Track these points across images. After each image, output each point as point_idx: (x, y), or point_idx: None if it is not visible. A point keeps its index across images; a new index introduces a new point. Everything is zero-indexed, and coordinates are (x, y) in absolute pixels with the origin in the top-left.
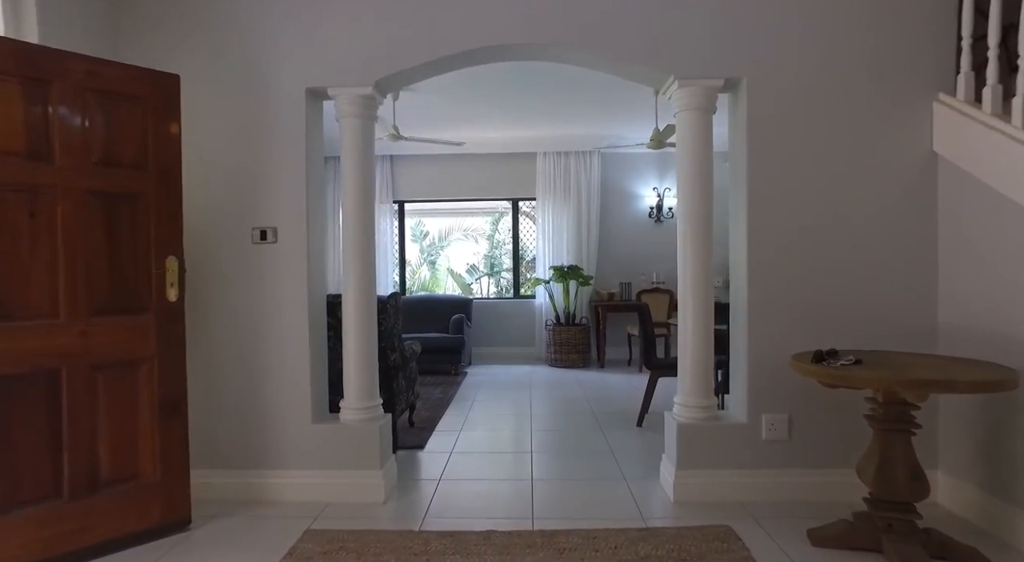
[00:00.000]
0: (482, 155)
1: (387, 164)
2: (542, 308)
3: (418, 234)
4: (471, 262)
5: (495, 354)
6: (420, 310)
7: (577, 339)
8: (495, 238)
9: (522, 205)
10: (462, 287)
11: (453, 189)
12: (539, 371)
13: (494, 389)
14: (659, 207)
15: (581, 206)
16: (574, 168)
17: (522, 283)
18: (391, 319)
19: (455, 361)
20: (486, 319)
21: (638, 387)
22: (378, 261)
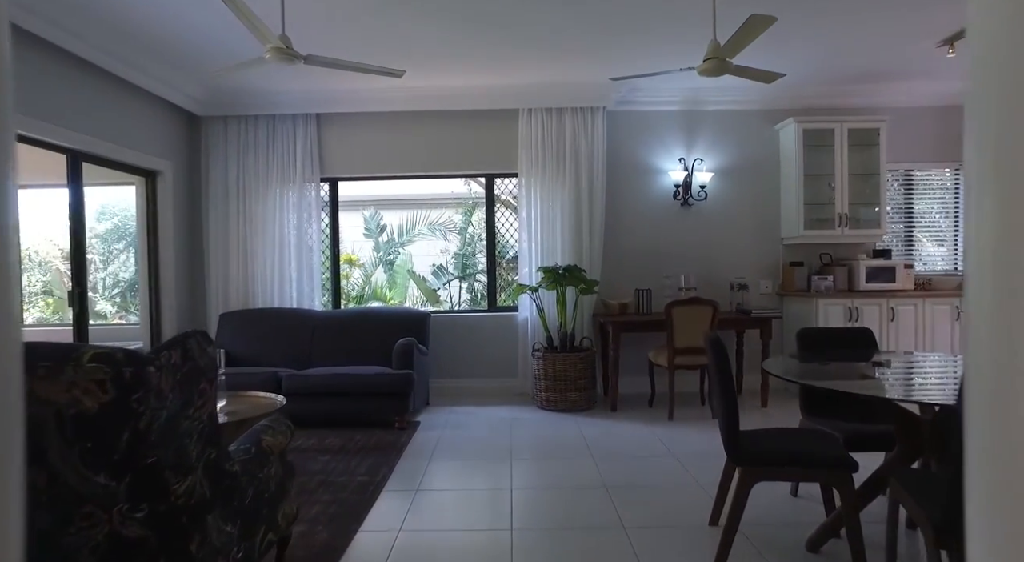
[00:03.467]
0: (441, 113)
1: (311, 127)
2: (528, 325)
3: (373, 228)
4: (438, 262)
5: (463, 390)
6: (352, 332)
7: (577, 370)
8: (468, 232)
9: (500, 185)
10: (426, 293)
11: (402, 161)
12: (524, 418)
13: (454, 458)
14: (687, 185)
15: (580, 184)
16: (571, 132)
17: (501, 289)
18: (176, 394)
19: (399, 408)
20: (450, 340)
21: (677, 452)
22: (299, 263)
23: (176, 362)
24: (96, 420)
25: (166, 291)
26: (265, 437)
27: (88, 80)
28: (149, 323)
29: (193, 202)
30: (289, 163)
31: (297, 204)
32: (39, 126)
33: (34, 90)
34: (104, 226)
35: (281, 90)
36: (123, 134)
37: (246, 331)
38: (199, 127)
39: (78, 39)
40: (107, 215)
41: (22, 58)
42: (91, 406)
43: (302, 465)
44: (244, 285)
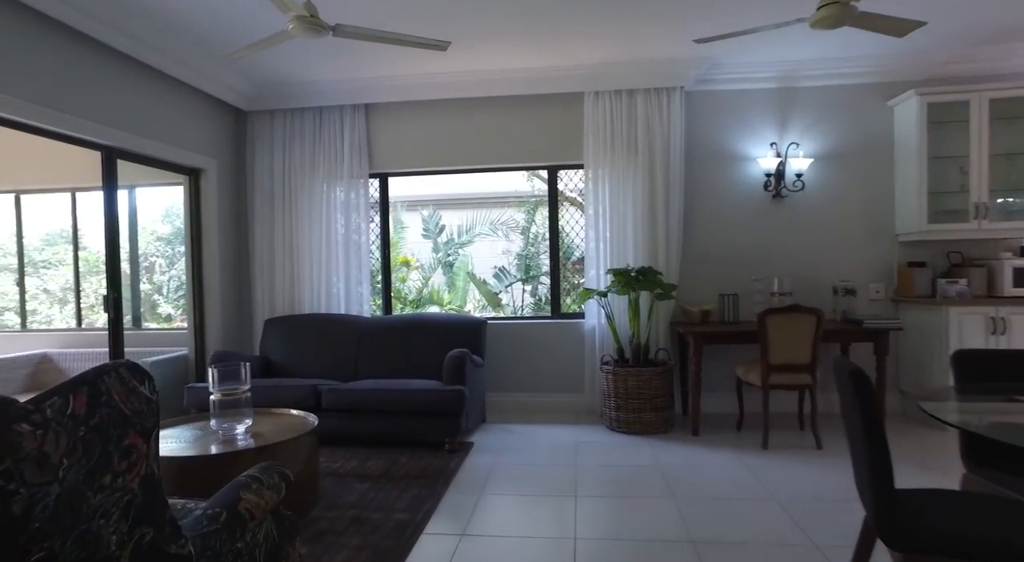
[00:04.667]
0: (498, 100)
1: (359, 118)
2: (595, 334)
3: (432, 229)
4: (499, 265)
5: (523, 405)
6: (401, 341)
7: (653, 387)
8: (532, 232)
9: (566, 180)
10: (487, 297)
11: (456, 154)
12: (591, 441)
13: (509, 492)
14: (780, 173)
15: (655, 175)
16: (643, 116)
17: (566, 292)
18: (78, 458)
19: (449, 428)
20: (509, 350)
21: (778, 494)
22: (347, 266)
23: (76, 412)
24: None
25: (210, 295)
26: (245, 496)
27: (128, 75)
28: (193, 329)
29: (239, 201)
30: (336, 158)
31: (345, 202)
32: (73, 122)
33: (70, 85)
34: (167, 228)
35: (327, 79)
36: (165, 131)
37: (290, 338)
38: (245, 123)
39: (118, 33)
40: (170, 217)
41: (60, 52)
42: None
43: (336, 495)
44: (290, 289)
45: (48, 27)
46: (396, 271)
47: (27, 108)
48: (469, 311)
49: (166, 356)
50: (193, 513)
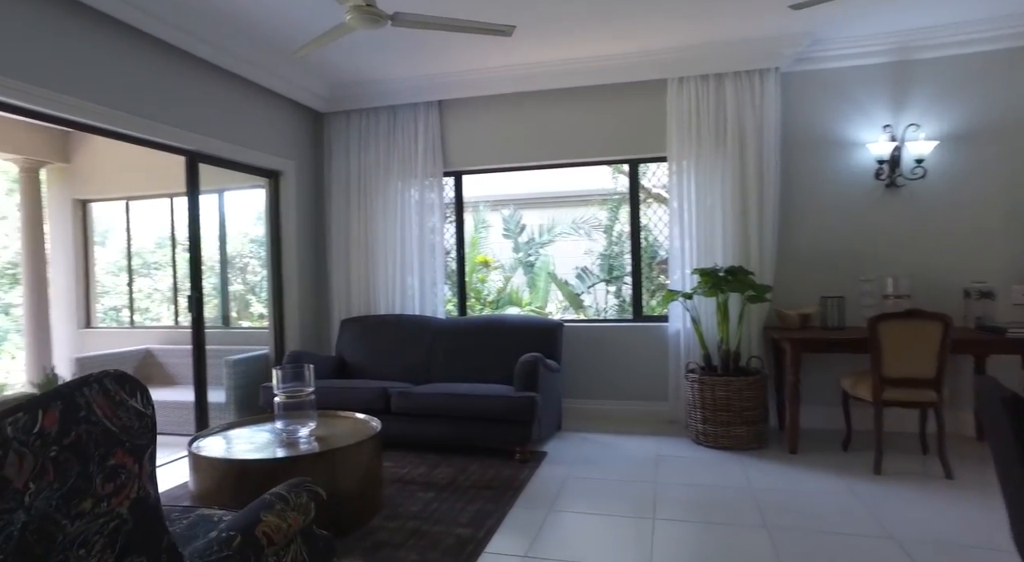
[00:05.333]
0: (574, 91)
1: (432, 115)
2: (680, 339)
3: (512, 228)
4: (581, 265)
5: (601, 413)
6: (474, 343)
7: (744, 398)
8: (615, 230)
9: (651, 177)
10: (568, 298)
11: (532, 150)
12: (675, 456)
13: (581, 508)
14: (895, 160)
15: (746, 166)
16: (733, 102)
17: (652, 293)
18: (50, 482)
19: (520, 437)
20: (587, 354)
21: (898, 533)
22: (421, 265)
23: (46, 430)
24: None
25: (289, 296)
26: (266, 518)
27: (210, 82)
28: (273, 328)
29: (316, 202)
30: (410, 156)
31: (419, 201)
32: (159, 128)
33: (156, 93)
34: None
35: (400, 77)
36: (245, 135)
37: (365, 339)
38: (322, 124)
39: (199, 40)
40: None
41: (146, 62)
42: None
43: (399, 503)
44: (366, 289)
45: (135, 38)
46: (475, 271)
47: (118, 117)
48: (550, 313)
49: (247, 355)
50: (208, 535)
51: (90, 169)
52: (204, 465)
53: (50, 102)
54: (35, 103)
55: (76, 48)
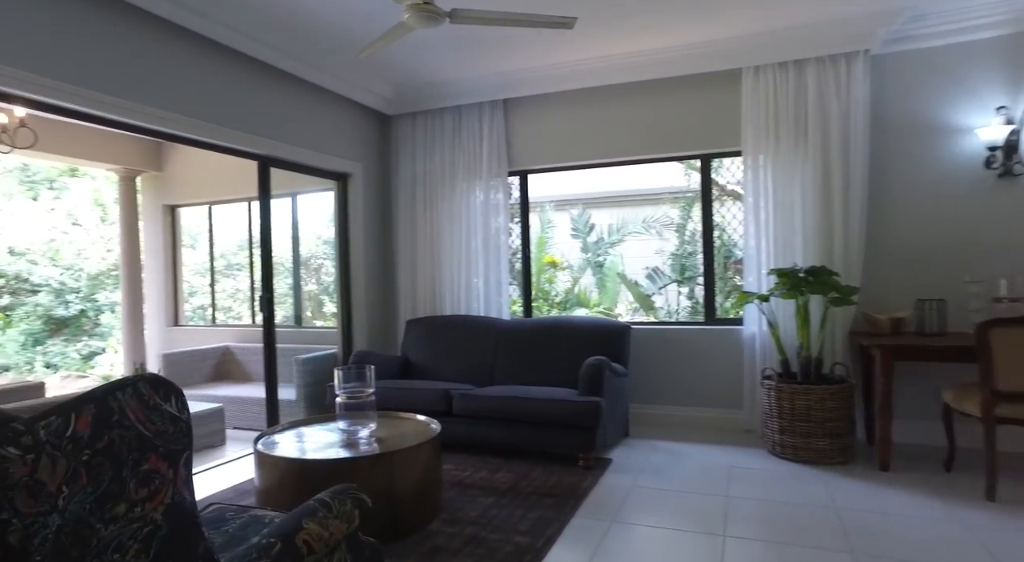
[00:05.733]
0: (642, 85)
1: (497, 114)
2: (755, 343)
3: (581, 228)
4: (652, 265)
5: (671, 419)
6: (539, 346)
7: (827, 409)
8: (688, 229)
9: (725, 173)
10: (639, 299)
11: (599, 147)
12: (749, 468)
13: (646, 522)
14: (1012, 146)
15: (830, 159)
16: (815, 90)
17: (727, 295)
18: (82, 486)
19: (584, 443)
20: (656, 358)
21: None
22: (486, 266)
23: (79, 434)
24: None
25: (357, 296)
26: (308, 526)
27: (280, 87)
28: (341, 328)
29: (384, 204)
30: (475, 156)
31: (484, 201)
32: (232, 134)
33: (229, 100)
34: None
35: (465, 76)
36: (314, 139)
37: (429, 340)
38: (389, 127)
39: (268, 47)
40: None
41: (219, 70)
42: None
43: (458, 508)
44: (431, 290)
45: (208, 48)
46: (542, 272)
47: (196, 125)
48: (619, 314)
49: (317, 354)
50: (249, 541)
51: (178, 176)
52: (267, 463)
53: (141, 115)
54: (130, 116)
55: (159, 62)
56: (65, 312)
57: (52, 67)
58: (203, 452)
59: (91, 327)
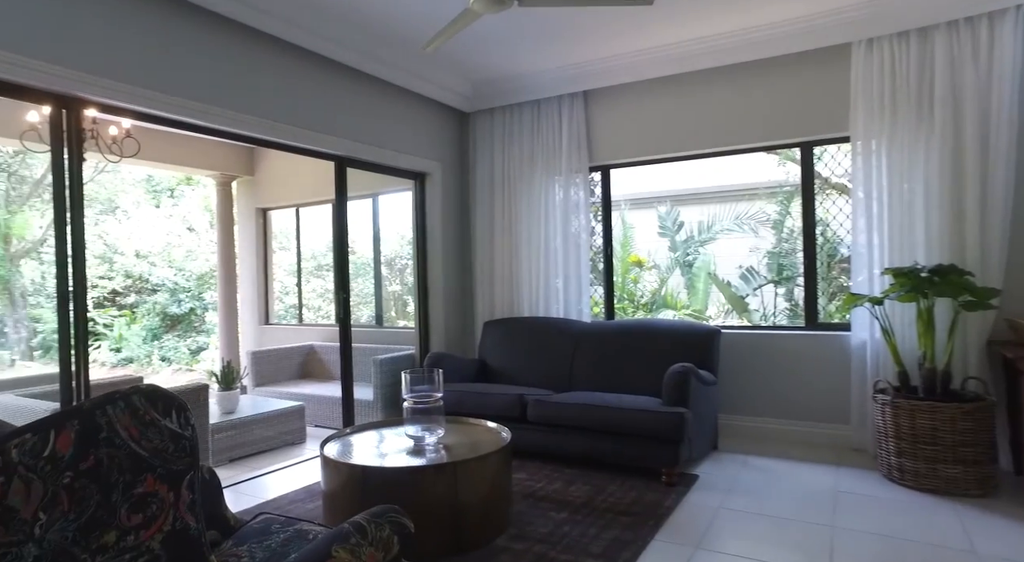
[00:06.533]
0: (733, 69)
1: (577, 107)
2: (867, 352)
3: (669, 226)
4: (746, 265)
5: (766, 433)
6: (620, 350)
7: (959, 431)
8: (786, 226)
9: (826, 158)
10: (731, 300)
11: (687, 138)
12: (859, 494)
13: (735, 550)
14: None
15: (963, 140)
16: (943, 61)
17: (832, 296)
18: (63, 512)
19: (667, 457)
20: (749, 365)
21: None
22: (566, 266)
23: (59, 454)
24: None
25: (434, 297)
26: (337, 553)
27: (356, 87)
28: (418, 329)
29: (462, 203)
30: (555, 152)
31: (564, 198)
32: (310, 136)
33: (305, 102)
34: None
35: (543, 69)
36: (391, 138)
37: (506, 342)
38: (467, 124)
39: (344, 47)
40: None
41: (295, 72)
42: None
43: (528, 522)
44: (509, 290)
45: (290, 52)
46: (627, 272)
47: (274, 127)
48: (710, 317)
49: (394, 354)
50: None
51: (269, 180)
52: (330, 467)
53: (236, 122)
54: (226, 124)
55: (249, 69)
56: (178, 310)
57: (158, 81)
58: (283, 449)
59: (199, 324)
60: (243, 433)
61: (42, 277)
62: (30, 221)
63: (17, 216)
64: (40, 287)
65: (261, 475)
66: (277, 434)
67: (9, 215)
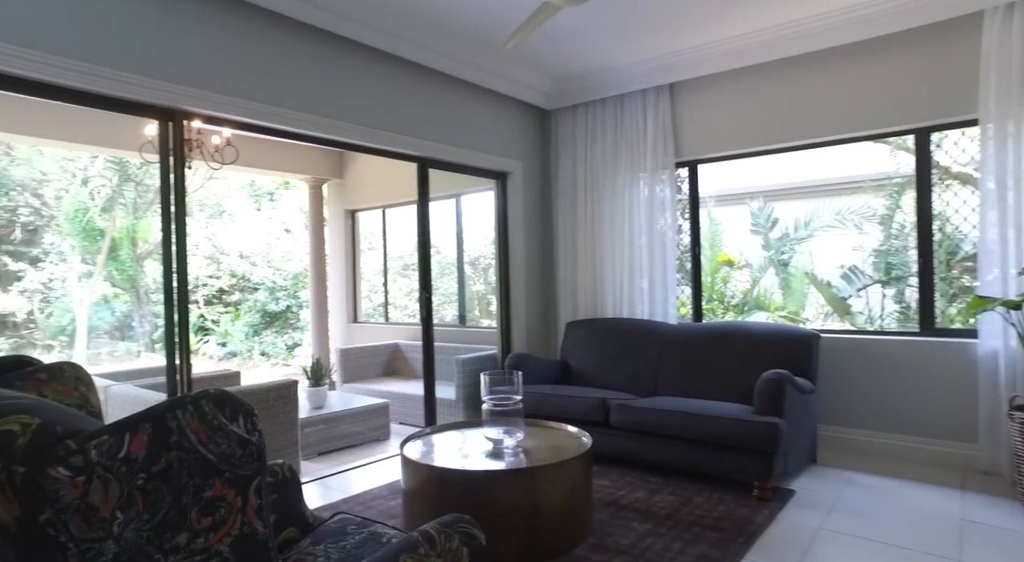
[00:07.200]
0: (836, 51)
1: (662, 100)
2: (999, 362)
3: (762, 223)
4: (849, 264)
5: (873, 448)
6: (708, 354)
7: None
8: (896, 221)
9: (944, 145)
10: (832, 302)
11: (784, 128)
12: (990, 524)
13: None
14: None
15: None
16: None
17: (953, 298)
18: (137, 512)
19: (760, 470)
20: (854, 373)
21: None
22: (651, 266)
23: (133, 456)
24: (23, 548)
25: (516, 297)
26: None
27: (437, 89)
28: (500, 329)
29: (543, 202)
30: (639, 148)
31: (649, 195)
32: (392, 138)
33: (388, 105)
34: None
35: (627, 62)
36: (472, 138)
37: (589, 344)
38: (549, 122)
39: (423, 49)
40: None
41: (378, 75)
42: (8, 522)
43: (609, 532)
44: (592, 291)
45: (375, 57)
46: (716, 271)
47: (359, 130)
48: (807, 320)
49: (476, 354)
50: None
51: (356, 182)
52: (409, 467)
53: (326, 127)
54: (313, 129)
55: (337, 74)
56: (275, 307)
57: (255, 92)
58: (368, 445)
59: (294, 321)
60: (331, 428)
61: (161, 276)
62: (152, 225)
63: (142, 221)
64: (160, 285)
65: (347, 470)
66: (363, 430)
67: (136, 220)
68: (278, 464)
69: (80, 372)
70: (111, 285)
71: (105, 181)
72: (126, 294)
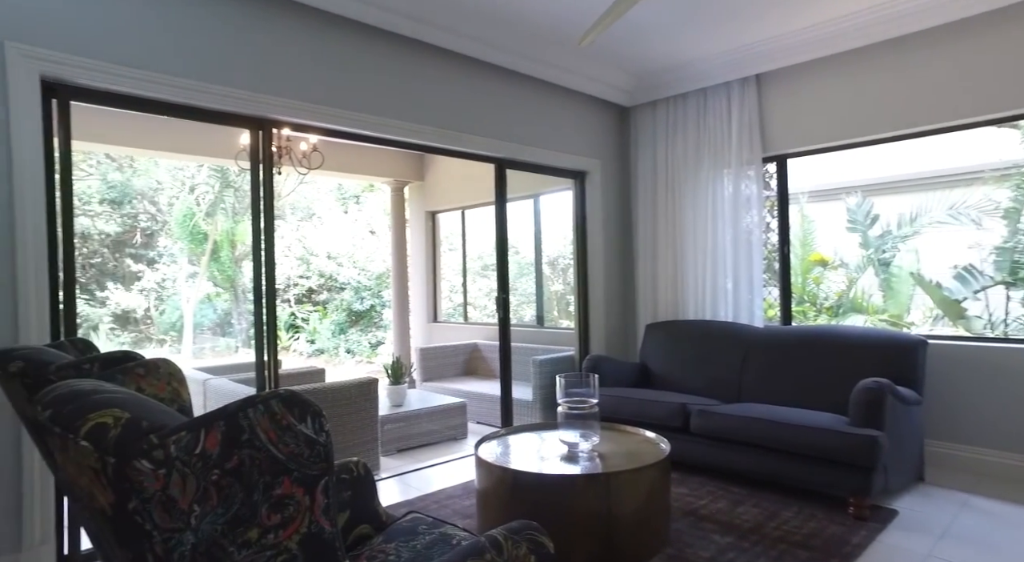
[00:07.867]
0: (939, 31)
1: (748, 92)
2: None
3: (860, 219)
4: (963, 263)
5: (990, 468)
6: (798, 360)
7: None
8: (1021, 215)
9: None
10: (942, 305)
11: (884, 116)
12: None
13: None
14: None
15: None
16: None
17: None
18: (213, 506)
19: (857, 485)
20: (965, 384)
21: None
22: (735, 266)
23: (208, 452)
24: (118, 531)
25: (594, 298)
26: None
27: (514, 89)
28: (578, 331)
29: (623, 201)
30: (723, 142)
31: (734, 192)
32: (472, 140)
33: (467, 108)
34: None
35: (709, 54)
36: (550, 138)
37: (669, 346)
38: (628, 119)
39: (500, 51)
40: None
41: (456, 78)
42: (105, 506)
43: (688, 543)
44: (673, 292)
45: (443, 56)
46: (808, 272)
47: (438, 133)
48: (911, 324)
49: (553, 355)
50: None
51: (436, 184)
52: (483, 468)
53: (402, 131)
54: (395, 133)
55: (415, 77)
56: (360, 307)
57: (339, 99)
58: (446, 444)
59: (377, 320)
60: (410, 425)
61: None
62: (247, 228)
63: (240, 225)
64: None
65: (425, 467)
66: (441, 428)
67: (234, 224)
68: (353, 461)
69: (173, 368)
70: (213, 285)
71: (208, 188)
72: (226, 293)
